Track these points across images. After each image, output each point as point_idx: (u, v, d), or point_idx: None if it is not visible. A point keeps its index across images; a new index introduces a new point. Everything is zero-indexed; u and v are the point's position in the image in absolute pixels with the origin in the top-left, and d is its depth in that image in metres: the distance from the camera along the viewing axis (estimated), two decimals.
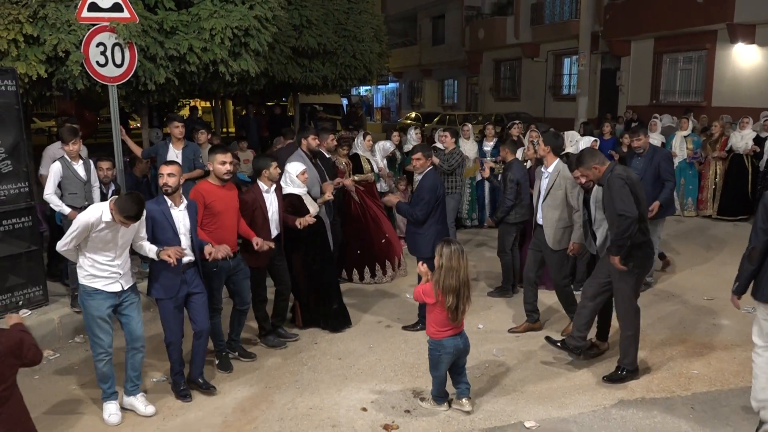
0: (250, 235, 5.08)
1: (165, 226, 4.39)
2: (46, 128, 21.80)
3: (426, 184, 5.54)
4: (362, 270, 7.34)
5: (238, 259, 5.06)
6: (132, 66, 6.60)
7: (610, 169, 4.66)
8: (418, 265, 4.62)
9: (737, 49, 16.35)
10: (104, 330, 4.21)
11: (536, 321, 5.86)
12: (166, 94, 7.95)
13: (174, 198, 4.46)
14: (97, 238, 4.05)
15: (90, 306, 4.17)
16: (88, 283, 4.16)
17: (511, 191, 6.49)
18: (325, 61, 11.61)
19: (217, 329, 5.06)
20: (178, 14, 7.27)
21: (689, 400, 4.53)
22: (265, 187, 5.30)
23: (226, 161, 4.86)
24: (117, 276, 4.20)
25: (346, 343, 5.66)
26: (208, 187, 4.91)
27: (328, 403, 4.56)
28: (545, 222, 5.50)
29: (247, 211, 5.15)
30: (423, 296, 4.26)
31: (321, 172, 6.36)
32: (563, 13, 22.31)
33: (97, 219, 3.98)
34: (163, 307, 4.51)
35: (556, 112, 22.92)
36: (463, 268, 4.17)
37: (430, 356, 4.36)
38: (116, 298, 4.23)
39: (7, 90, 5.55)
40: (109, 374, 4.32)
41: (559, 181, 5.40)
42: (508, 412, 4.42)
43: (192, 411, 4.48)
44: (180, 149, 6.84)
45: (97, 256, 4.12)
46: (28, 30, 6.33)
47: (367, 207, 7.38)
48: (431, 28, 32.10)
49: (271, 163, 5.29)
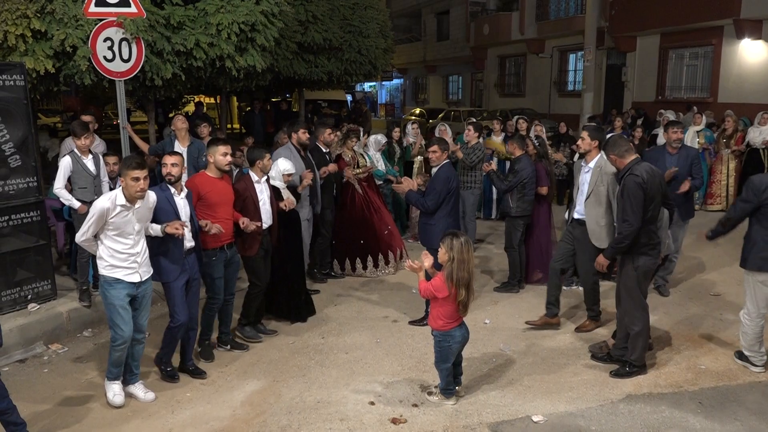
0: (236, 217, 5.13)
1: (169, 211, 4.54)
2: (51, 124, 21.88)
3: (441, 175, 5.59)
4: (365, 260, 7.39)
5: (233, 251, 5.18)
6: (139, 61, 6.62)
7: (628, 168, 4.62)
8: (423, 254, 4.57)
9: (744, 45, 16.28)
10: (124, 319, 4.29)
11: (555, 315, 5.80)
12: (172, 89, 7.98)
13: (176, 186, 4.63)
14: (115, 223, 4.15)
15: (111, 296, 4.25)
16: (108, 273, 4.24)
17: (512, 183, 6.57)
18: (331, 56, 11.64)
19: (209, 321, 5.22)
20: (184, 9, 7.28)
21: (697, 395, 4.52)
22: (256, 177, 5.37)
23: (227, 152, 4.95)
24: (136, 266, 4.29)
25: (353, 337, 5.67)
26: (204, 178, 4.99)
27: (336, 396, 4.58)
28: (588, 219, 5.39)
29: (239, 200, 5.22)
30: (434, 292, 4.20)
31: (310, 166, 6.51)
32: (569, 9, 22.23)
33: (112, 203, 4.11)
34: (172, 288, 4.64)
35: (561, 108, 22.84)
36: (471, 260, 4.20)
37: (439, 348, 4.36)
38: (135, 288, 4.33)
39: (16, 85, 5.55)
40: (122, 360, 4.44)
41: (601, 177, 5.31)
42: (516, 406, 4.42)
43: (200, 404, 4.51)
44: (185, 147, 6.87)
45: (116, 245, 4.21)
46: (35, 25, 6.35)
47: (371, 199, 7.46)
48: (436, 24, 32.02)
49: (265, 154, 5.37)
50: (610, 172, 5.22)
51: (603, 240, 5.34)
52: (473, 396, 4.57)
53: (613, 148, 4.75)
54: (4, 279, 5.59)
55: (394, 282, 7.23)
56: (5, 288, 5.60)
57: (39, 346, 5.41)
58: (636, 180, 4.53)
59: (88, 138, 5.86)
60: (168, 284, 4.64)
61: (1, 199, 5.55)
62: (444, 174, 5.59)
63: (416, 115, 25.11)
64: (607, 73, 21.29)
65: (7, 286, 5.60)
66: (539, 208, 6.93)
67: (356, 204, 7.38)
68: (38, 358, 5.29)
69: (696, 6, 16.46)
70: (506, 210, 6.81)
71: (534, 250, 7.01)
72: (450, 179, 5.58)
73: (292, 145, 6.55)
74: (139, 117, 19.29)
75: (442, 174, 5.59)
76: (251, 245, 5.33)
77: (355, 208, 7.37)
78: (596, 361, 5.10)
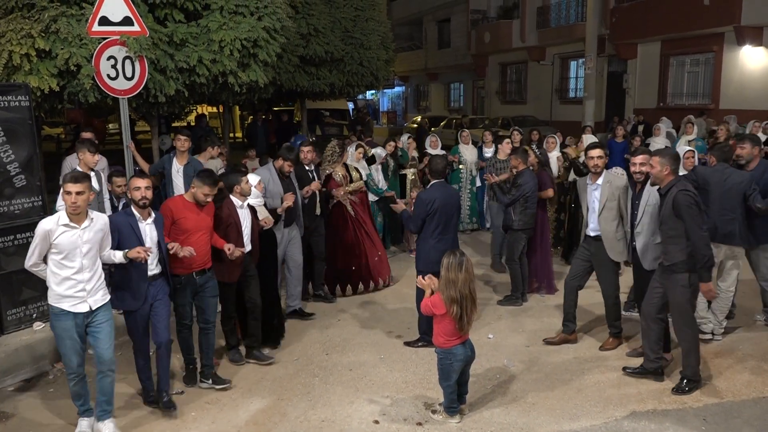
0: (221, 243, 4.99)
1: (132, 238, 4.37)
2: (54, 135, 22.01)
3: (422, 197, 5.52)
4: (356, 286, 7.23)
5: (206, 276, 4.95)
6: (142, 79, 6.66)
7: (675, 182, 4.61)
8: (417, 278, 4.72)
9: (745, 52, 16.32)
10: (74, 351, 4.12)
11: (573, 332, 5.82)
12: (176, 105, 8.03)
13: (142, 212, 4.46)
14: (59, 245, 3.99)
15: (57, 327, 4.09)
16: (54, 303, 4.07)
17: (515, 196, 6.63)
18: (333, 68, 11.71)
19: (186, 343, 5.04)
20: (187, 26, 7.35)
21: (701, 412, 4.52)
22: (238, 202, 5.27)
23: (210, 195, 4.81)
24: (84, 294, 4.09)
25: (357, 354, 5.69)
26: (180, 203, 4.86)
27: (340, 415, 4.59)
28: (604, 234, 5.42)
29: (222, 226, 5.09)
30: (432, 308, 4.31)
31: (291, 186, 6.26)
32: (569, 17, 22.32)
33: (55, 223, 3.97)
34: (131, 319, 4.50)
35: (562, 116, 22.91)
36: (462, 281, 4.19)
37: (441, 366, 4.39)
38: (84, 318, 4.12)
39: (21, 105, 5.60)
40: (81, 392, 4.26)
41: (612, 192, 5.36)
42: (520, 424, 4.43)
43: (205, 423, 4.52)
44: (182, 165, 6.89)
45: (62, 270, 4.03)
46: (40, 44, 6.41)
47: (363, 221, 7.28)
48: (437, 32, 32.16)
49: (241, 179, 5.27)
50: (620, 185, 5.32)
51: (621, 253, 5.40)
52: (477, 413, 4.58)
53: (672, 161, 4.70)
54: (10, 298, 5.61)
55: (398, 298, 7.23)
56: (11, 307, 5.62)
57: (45, 365, 5.43)
58: (689, 192, 4.54)
59: (95, 156, 5.94)
60: (129, 314, 4.50)
61: (6, 218, 5.58)
62: (425, 196, 5.48)
63: (417, 122, 25.17)
64: (608, 80, 21.37)
65: (13, 305, 5.63)
66: (539, 218, 6.99)
67: (348, 227, 7.17)
68: (44, 377, 5.31)
69: (697, 13, 16.50)
70: (509, 223, 6.83)
71: (532, 258, 7.10)
72: (431, 201, 5.38)
73: (273, 167, 6.32)
74: (142, 126, 19.35)
75: (423, 196, 5.53)
76: (232, 271, 5.19)
77: (347, 232, 7.17)
78: (632, 375, 5.08)
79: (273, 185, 6.11)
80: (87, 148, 5.90)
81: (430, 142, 9.77)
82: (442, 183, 5.63)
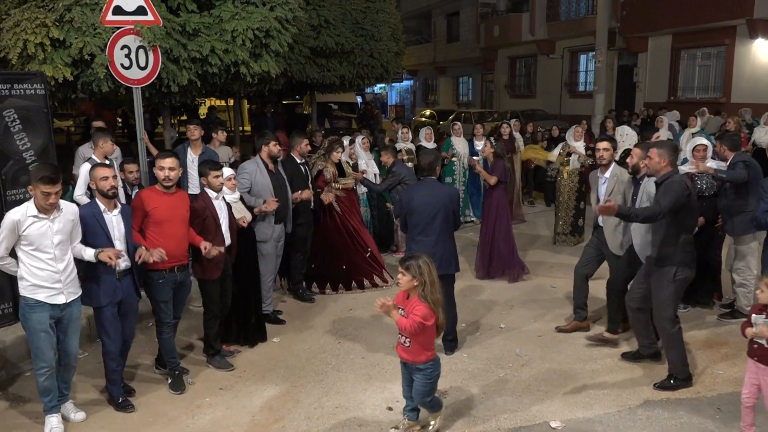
0: (197, 241, 4.79)
1: (97, 230, 4.25)
2: (64, 128, 22.10)
3: (399, 196, 5.49)
4: (349, 284, 7.09)
5: (186, 273, 4.82)
6: (156, 68, 6.68)
7: (674, 173, 4.56)
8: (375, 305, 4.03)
9: (757, 45, 16.19)
10: (50, 343, 4.07)
11: (584, 319, 5.82)
12: (188, 95, 8.06)
13: (108, 203, 4.33)
14: (29, 237, 3.91)
15: (31, 319, 4.01)
16: (29, 295, 3.99)
17: (390, 181, 6.96)
18: (343, 60, 11.70)
19: (168, 345, 4.84)
20: (200, 16, 7.36)
21: (715, 401, 4.53)
22: (213, 194, 5.06)
23: (174, 167, 4.64)
24: (60, 286, 4.03)
25: (368, 342, 5.71)
26: (151, 193, 4.70)
27: (353, 402, 4.62)
28: (606, 228, 5.47)
29: (198, 219, 4.88)
30: (424, 321, 3.84)
31: (280, 181, 6.06)
32: (579, 10, 22.18)
33: (23, 215, 3.89)
34: (102, 316, 4.36)
35: (572, 109, 22.80)
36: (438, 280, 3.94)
37: (430, 380, 4.01)
38: (59, 310, 4.08)
39: (36, 93, 5.63)
40: (51, 388, 4.17)
41: (618, 187, 5.42)
42: (533, 412, 4.44)
43: (220, 409, 4.56)
44: (197, 155, 6.93)
45: (36, 262, 3.95)
46: (54, 33, 6.45)
47: (348, 220, 7.09)
48: (446, 26, 32.05)
49: (209, 171, 5.05)
50: (625, 180, 5.39)
51: (621, 247, 5.41)
52: (490, 401, 4.60)
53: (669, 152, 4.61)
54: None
55: None
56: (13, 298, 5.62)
57: None
58: (684, 181, 4.49)
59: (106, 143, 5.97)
60: (98, 310, 4.36)
61: None
62: (402, 195, 5.37)
63: (426, 116, 25.13)
64: (618, 73, 21.24)
65: None
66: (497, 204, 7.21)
67: (333, 227, 7.01)
68: None
69: (708, 6, 16.38)
70: None
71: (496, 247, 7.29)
72: (408, 201, 5.11)
73: (260, 159, 5.98)
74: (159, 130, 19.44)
75: (400, 195, 5.48)
76: (212, 270, 4.98)
77: (331, 231, 7.00)
78: (629, 361, 5.13)
79: (261, 177, 5.86)
80: (109, 138, 5.94)
81: (424, 135, 9.59)
82: (427, 180, 5.24)
